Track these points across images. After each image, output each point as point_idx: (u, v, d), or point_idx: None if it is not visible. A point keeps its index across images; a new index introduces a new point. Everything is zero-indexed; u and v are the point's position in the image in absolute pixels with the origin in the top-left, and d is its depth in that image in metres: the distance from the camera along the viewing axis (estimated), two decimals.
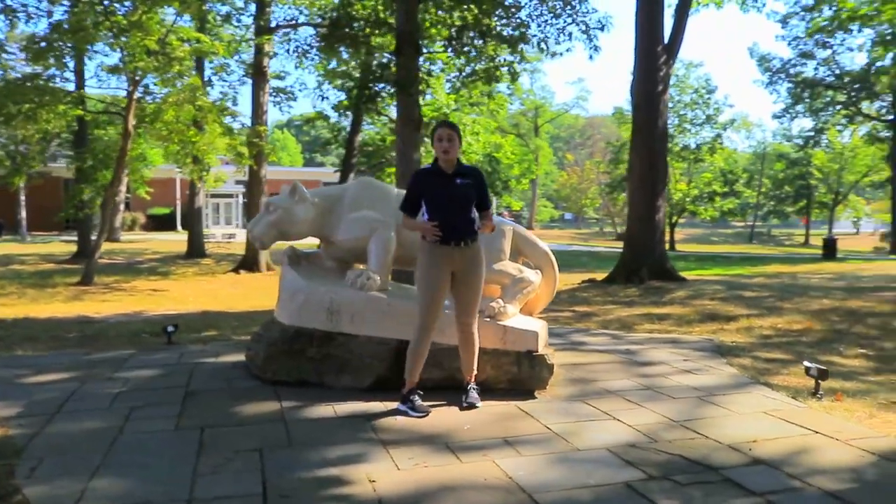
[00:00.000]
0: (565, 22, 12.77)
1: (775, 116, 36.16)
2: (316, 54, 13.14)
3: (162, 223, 41.74)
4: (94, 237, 18.74)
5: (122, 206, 33.88)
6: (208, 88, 20.48)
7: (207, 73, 22.05)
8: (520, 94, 49.57)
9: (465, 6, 11.55)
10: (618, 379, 5.25)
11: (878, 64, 26.41)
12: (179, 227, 40.75)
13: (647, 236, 14.36)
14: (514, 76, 11.69)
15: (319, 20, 18.62)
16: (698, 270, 20.34)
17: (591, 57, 13.96)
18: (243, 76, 22.96)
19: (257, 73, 19.43)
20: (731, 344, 7.30)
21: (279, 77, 24.33)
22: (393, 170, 26.50)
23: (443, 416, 4.19)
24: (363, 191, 5.24)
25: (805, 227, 52.65)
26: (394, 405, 4.34)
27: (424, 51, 11.45)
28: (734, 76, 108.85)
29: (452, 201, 4.22)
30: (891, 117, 31.72)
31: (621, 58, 63.40)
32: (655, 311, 10.17)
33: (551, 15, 12.66)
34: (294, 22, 19.22)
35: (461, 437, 3.80)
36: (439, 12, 11.76)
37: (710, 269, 21.52)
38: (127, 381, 5.12)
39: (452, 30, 11.78)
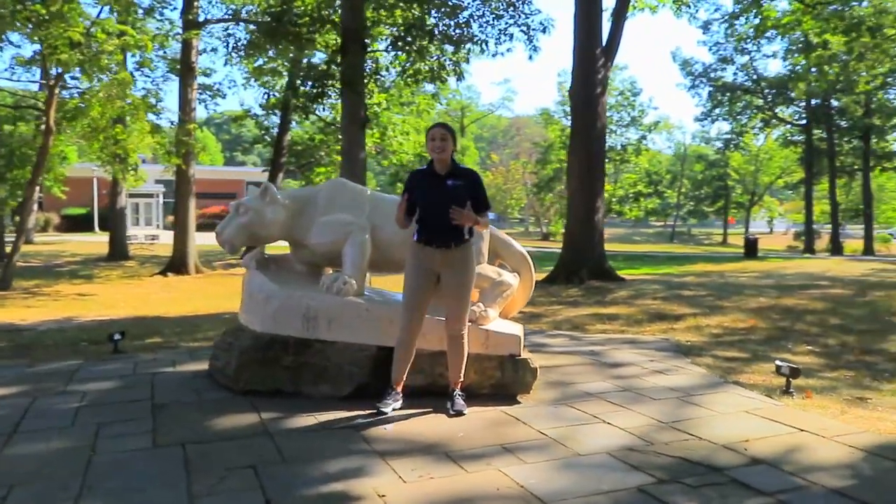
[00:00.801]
0: (507, 23, 12.80)
1: (697, 119, 37.49)
2: (251, 51, 12.75)
3: (77, 224, 39.87)
4: (8, 239, 17.70)
5: (34, 206, 32.15)
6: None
7: (129, 67, 21.15)
8: (446, 94, 49.65)
9: (408, 4, 11.45)
10: (594, 381, 5.25)
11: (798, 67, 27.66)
12: (97, 228, 39.04)
13: (587, 237, 14.58)
14: (459, 76, 11.64)
15: (247, 16, 18.19)
16: (629, 270, 20.75)
17: (530, 58, 14.04)
18: (168, 72, 22.17)
19: (185, 70, 18.76)
20: (687, 343, 7.44)
21: (205, 74, 23.60)
22: (323, 169, 26.21)
23: (433, 424, 4.09)
24: (336, 192, 5.07)
25: (730, 227, 54.69)
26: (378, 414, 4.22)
27: (371, 50, 11.25)
28: (658, 80, 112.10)
29: (440, 203, 4.10)
30: (804, 122, 33.32)
31: (546, 58, 64.44)
32: (603, 312, 10.31)
33: (493, 16, 12.68)
34: (225, 17, 18.65)
35: (458, 446, 3.70)
36: (382, 10, 11.61)
37: (640, 269, 22.00)
38: (84, 394, 4.80)
39: (395, 29, 11.67)
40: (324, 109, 23.86)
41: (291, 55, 16.67)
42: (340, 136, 10.94)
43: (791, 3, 16.29)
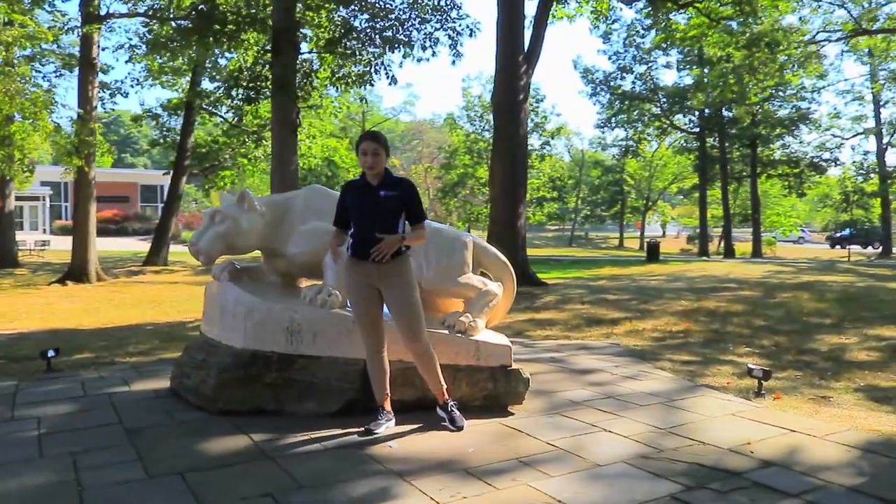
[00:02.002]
0: (433, 27, 12.76)
1: (597, 126, 38.69)
2: (169, 49, 12.14)
3: None
4: None
5: None
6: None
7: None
8: (348, 98, 49.20)
9: (335, 5, 11.24)
10: (573, 389, 5.27)
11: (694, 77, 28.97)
12: None
13: (510, 242, 14.70)
14: (391, 80, 11.49)
15: (157, 12, 17.34)
16: (541, 273, 21.19)
17: (453, 62, 14.10)
18: (61, 67, 20.87)
19: (85, 66, 17.68)
20: (637, 348, 7.62)
21: (104, 71, 22.36)
22: (228, 173, 25.39)
23: (436, 440, 3.98)
24: (313, 200, 4.87)
25: (627, 231, 56.65)
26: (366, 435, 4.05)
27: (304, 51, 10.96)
28: (560, 87, 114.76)
29: (372, 214, 3.95)
30: (697, 130, 35.04)
31: (448, 64, 64.93)
32: (538, 317, 10.43)
33: (419, 20, 12.61)
34: (129, 12, 17.73)
35: (474, 462, 3.61)
36: (308, 11, 11.32)
37: (551, 273, 22.48)
38: (39, 420, 4.38)
39: (325, 30, 11.41)
40: (227, 111, 23.17)
41: (193, 54, 16.03)
42: (271, 140, 10.56)
43: (696, 18, 17.05)
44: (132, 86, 20.45)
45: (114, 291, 16.61)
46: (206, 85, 22.66)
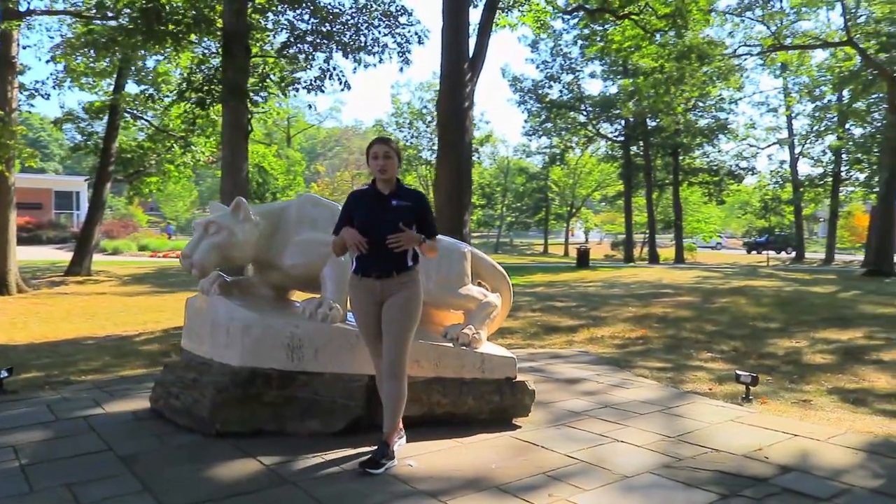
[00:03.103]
0: (381, 33, 12.63)
1: (525, 134, 39.21)
2: (111, 49, 11.54)
3: None
4: None
5: None
6: None
7: None
8: (274, 103, 48.37)
9: (283, 8, 10.99)
10: (567, 399, 5.26)
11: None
12: None
13: None
14: (344, 85, 11.28)
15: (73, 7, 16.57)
16: None
17: (401, 69, 14.02)
18: None
19: (4, 65, 16.70)
20: (605, 355, 7.69)
21: (20, 72, 21.17)
22: (154, 179, 24.46)
23: (454, 456, 3.89)
24: (308, 209, 4.69)
25: (553, 237, 57.53)
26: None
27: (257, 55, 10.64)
28: (489, 94, 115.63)
29: (382, 224, 3.67)
30: (623, 138, 36.00)
31: (372, 70, 64.65)
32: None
33: (366, 25, 12.46)
34: (52, 9, 16.86)
35: (503, 478, 3.54)
36: (254, 14, 11.02)
37: None
38: (16, 449, 4.04)
39: (273, 34, 11.16)
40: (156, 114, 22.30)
41: (118, 56, 15.34)
42: (221, 146, 10.19)
43: (631, 29, 17.51)
44: (54, 87, 19.37)
45: (38, 304, 15.69)
46: (132, 88, 21.79)
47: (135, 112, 22.30)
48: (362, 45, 11.64)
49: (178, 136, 21.40)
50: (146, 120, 23.49)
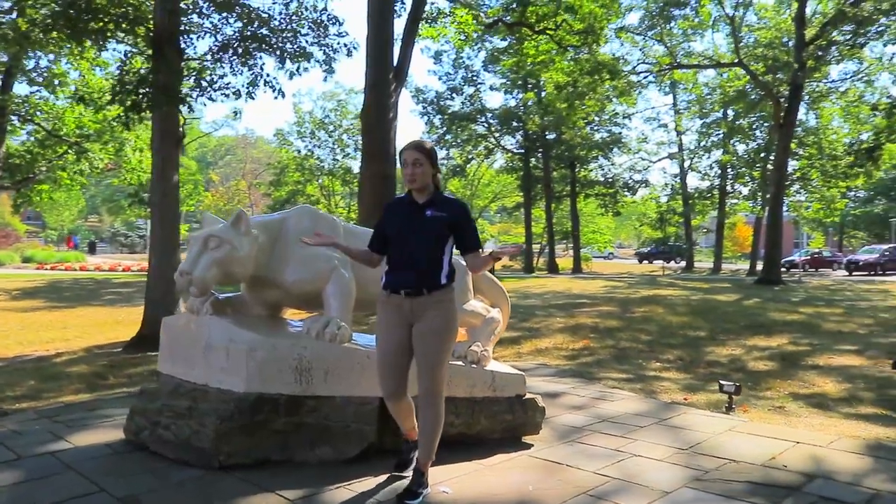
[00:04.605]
0: (308, 42, 12.31)
1: None
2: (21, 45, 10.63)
3: None
4: None
5: None
6: None
7: None
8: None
9: (214, 12, 10.54)
10: (560, 414, 5.24)
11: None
12: None
13: None
14: (278, 92, 10.85)
15: None
16: None
17: (325, 79, 13.67)
18: None
19: None
20: (564, 367, 7.75)
21: None
22: (45, 186, 22.85)
23: (487, 480, 3.76)
24: (308, 221, 4.43)
25: None
26: (399, 474, 3.75)
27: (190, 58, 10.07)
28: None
29: (413, 237, 3.46)
30: (523, 151, 36.77)
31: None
32: None
33: (291, 34, 12.11)
34: None
35: (547, 500, 3.45)
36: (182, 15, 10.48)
37: None
38: None
39: (205, 36, 10.64)
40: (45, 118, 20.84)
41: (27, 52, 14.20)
42: (151, 153, 9.58)
43: (546, 44, 17.94)
44: None
45: None
46: (21, 89, 20.28)
47: (23, 114, 20.75)
48: (292, 52, 11.28)
49: (73, 141, 20.07)
50: (37, 124, 21.93)
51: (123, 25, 8.80)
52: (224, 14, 10.91)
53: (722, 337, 10.16)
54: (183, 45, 9.56)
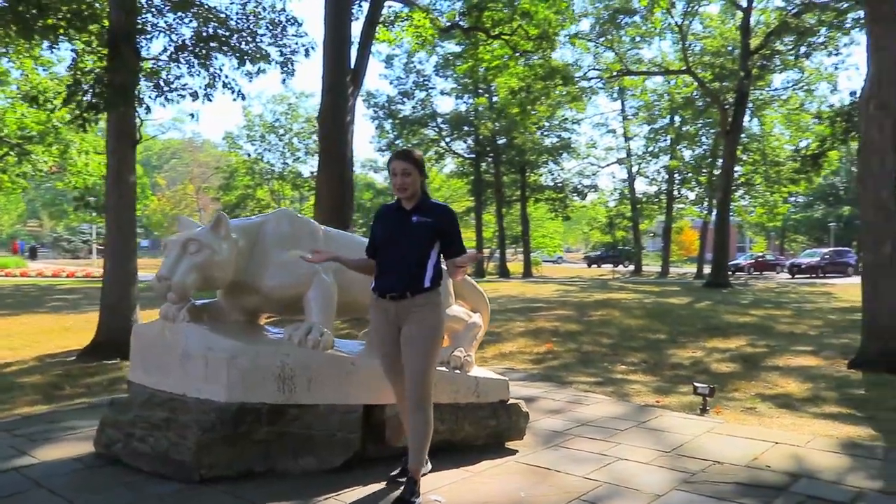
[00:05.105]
0: (266, 42, 12.11)
1: (379, 150, 39.21)
2: None
3: None
4: None
5: None
6: None
7: None
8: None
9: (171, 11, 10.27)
10: (540, 418, 5.22)
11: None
12: None
13: None
14: (237, 93, 10.60)
15: None
16: None
17: (283, 81, 13.47)
18: None
19: None
20: (533, 372, 7.75)
21: None
22: None
23: (477, 487, 3.71)
24: (287, 225, 4.33)
25: None
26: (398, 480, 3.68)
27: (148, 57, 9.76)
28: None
29: (399, 242, 3.55)
30: (474, 155, 36.88)
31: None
32: None
33: (249, 34, 11.89)
34: None
35: None
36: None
37: None
38: None
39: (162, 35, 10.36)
40: None
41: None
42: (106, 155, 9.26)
43: (501, 49, 18.03)
44: None
45: None
46: None
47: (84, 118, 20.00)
48: (250, 52, 11.07)
49: (14, 143, 19.35)
50: None
51: (76, 23, 8.47)
52: (179, 13, 10.66)
53: (681, 339, 10.32)
54: (140, 45, 9.27)
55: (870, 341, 7.85)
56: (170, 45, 10.00)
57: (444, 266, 4.66)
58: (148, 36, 9.65)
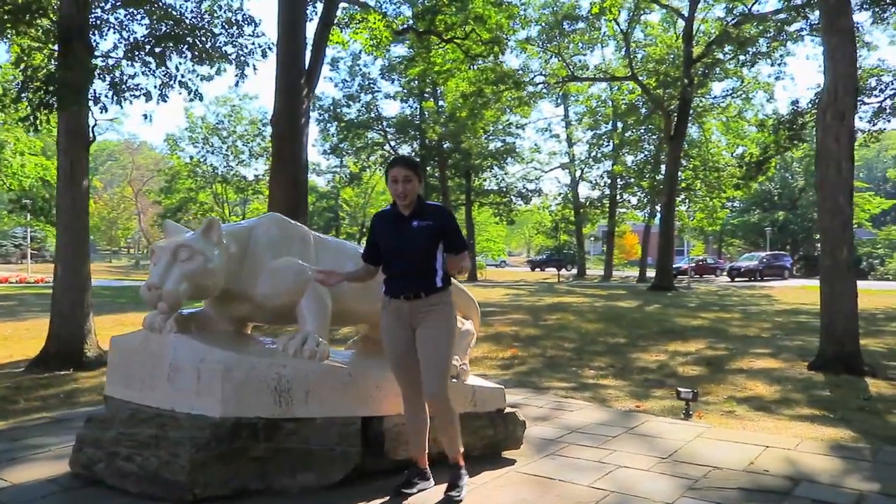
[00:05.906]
0: (222, 42, 11.77)
1: (323, 153, 38.75)
2: None
3: None
4: None
5: None
6: None
7: None
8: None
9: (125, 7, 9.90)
10: (528, 427, 5.14)
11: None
12: None
13: None
14: (195, 94, 10.24)
15: None
16: None
17: (237, 84, 13.13)
18: None
19: None
20: (505, 378, 7.70)
21: None
22: None
23: (482, 499, 3.63)
24: (278, 231, 4.17)
25: None
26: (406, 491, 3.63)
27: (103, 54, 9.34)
28: None
29: (405, 249, 3.60)
30: (419, 160, 36.79)
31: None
32: None
33: (204, 32, 11.54)
34: None
35: None
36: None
37: None
38: None
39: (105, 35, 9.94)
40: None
41: None
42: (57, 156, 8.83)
43: (453, 53, 18.05)
44: None
45: None
46: None
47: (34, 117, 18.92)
48: (209, 52, 10.73)
49: None
50: None
51: (23, 17, 8.06)
52: (131, 10, 10.26)
53: (641, 343, 10.45)
54: (93, 42, 8.89)
55: (828, 344, 8.08)
56: (120, 42, 9.63)
57: None
58: (100, 32, 9.23)
